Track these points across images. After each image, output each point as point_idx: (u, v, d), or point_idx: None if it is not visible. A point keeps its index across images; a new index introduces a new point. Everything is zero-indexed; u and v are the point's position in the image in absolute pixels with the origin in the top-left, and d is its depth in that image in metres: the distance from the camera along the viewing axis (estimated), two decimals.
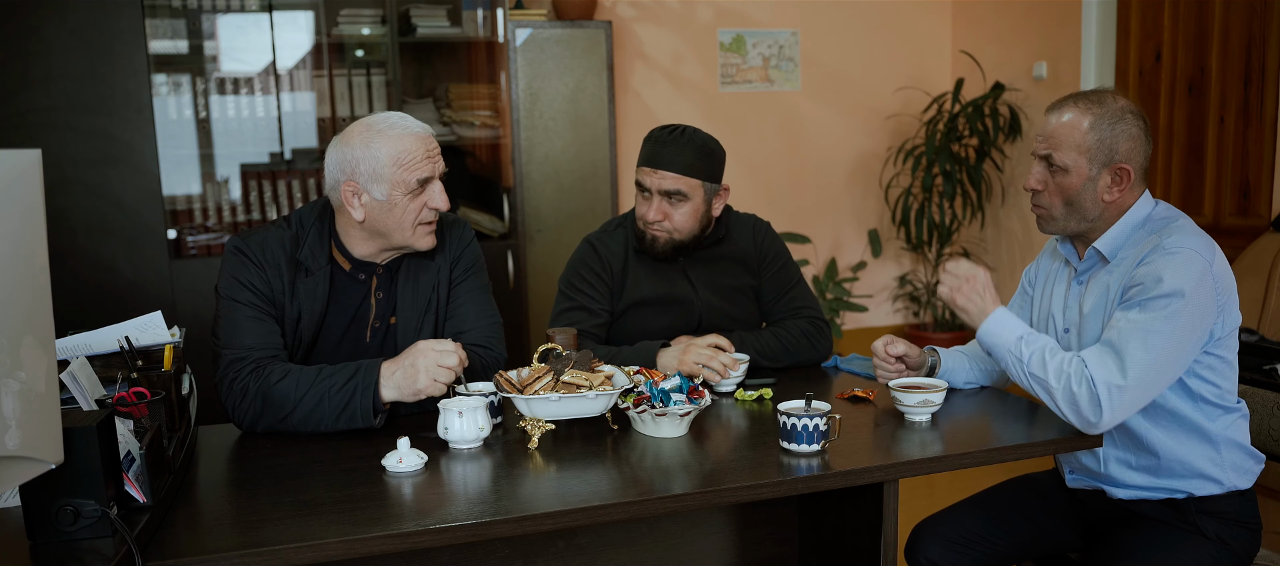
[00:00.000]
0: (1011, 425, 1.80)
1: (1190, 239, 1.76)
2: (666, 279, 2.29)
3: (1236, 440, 1.84)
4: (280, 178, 4.01)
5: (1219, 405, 1.82)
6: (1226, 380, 1.82)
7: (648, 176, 2.21)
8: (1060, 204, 1.85)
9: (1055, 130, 1.84)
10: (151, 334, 1.70)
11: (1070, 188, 1.83)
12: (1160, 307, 1.70)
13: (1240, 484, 1.84)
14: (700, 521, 1.98)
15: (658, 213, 2.21)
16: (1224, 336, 1.79)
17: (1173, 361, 1.71)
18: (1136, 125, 1.83)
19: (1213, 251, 1.77)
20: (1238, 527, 1.84)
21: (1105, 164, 1.81)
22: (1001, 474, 2.38)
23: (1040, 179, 1.87)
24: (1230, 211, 4.08)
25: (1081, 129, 1.81)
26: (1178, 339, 1.70)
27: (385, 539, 1.34)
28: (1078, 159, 1.82)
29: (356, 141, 1.85)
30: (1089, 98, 1.84)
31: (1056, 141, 1.83)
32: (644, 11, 4.87)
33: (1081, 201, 1.83)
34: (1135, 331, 1.70)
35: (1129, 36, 4.46)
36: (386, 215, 1.87)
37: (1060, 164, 1.83)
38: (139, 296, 3.59)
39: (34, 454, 1.08)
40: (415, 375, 1.75)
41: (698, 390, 1.81)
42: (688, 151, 2.19)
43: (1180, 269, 1.71)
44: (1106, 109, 1.82)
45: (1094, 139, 1.81)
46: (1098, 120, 1.81)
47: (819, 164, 5.33)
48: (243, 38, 3.91)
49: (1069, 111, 1.84)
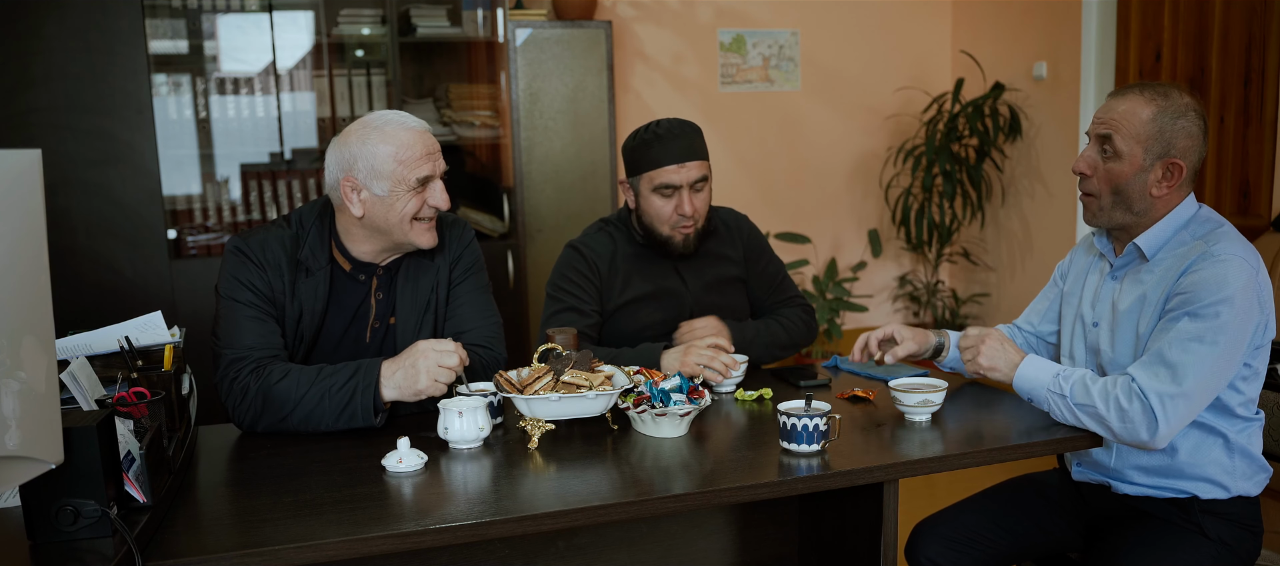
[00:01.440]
0: (1012, 425, 1.80)
1: (1238, 246, 1.75)
2: (657, 275, 2.30)
3: (1250, 448, 1.84)
4: (280, 178, 4.01)
5: (1241, 415, 1.82)
6: (1253, 388, 1.82)
7: (675, 173, 2.18)
8: (1109, 191, 1.83)
9: (1117, 113, 1.81)
10: (151, 334, 1.70)
11: (1121, 175, 1.81)
12: (1212, 316, 1.69)
13: (1248, 490, 1.84)
14: (700, 521, 1.98)
15: (691, 205, 2.20)
16: (1261, 345, 1.79)
17: (1225, 369, 1.71)
18: (1197, 124, 1.80)
19: (1258, 260, 1.77)
20: (1241, 530, 1.84)
21: (1160, 156, 1.79)
22: (1002, 473, 2.38)
23: (1090, 162, 1.85)
24: (1230, 211, 4.08)
25: (1143, 117, 1.79)
26: (1229, 346, 1.70)
27: (385, 539, 1.34)
28: (1133, 146, 1.80)
29: (355, 139, 1.86)
30: (1155, 88, 1.82)
31: (1116, 125, 1.81)
32: (644, 11, 4.87)
33: (1129, 192, 1.82)
34: (1187, 340, 1.70)
35: (1129, 36, 4.46)
36: (386, 212, 1.86)
37: (1116, 149, 1.80)
38: (139, 296, 3.59)
39: (34, 454, 1.08)
40: (416, 375, 1.75)
41: (698, 390, 1.81)
42: (696, 138, 2.23)
43: (1230, 276, 1.70)
44: (1171, 102, 1.79)
45: (1154, 129, 1.79)
46: (1160, 111, 1.79)
47: (819, 164, 5.33)
48: (243, 38, 3.91)
49: (1133, 97, 1.81)
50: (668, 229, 2.24)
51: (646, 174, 2.21)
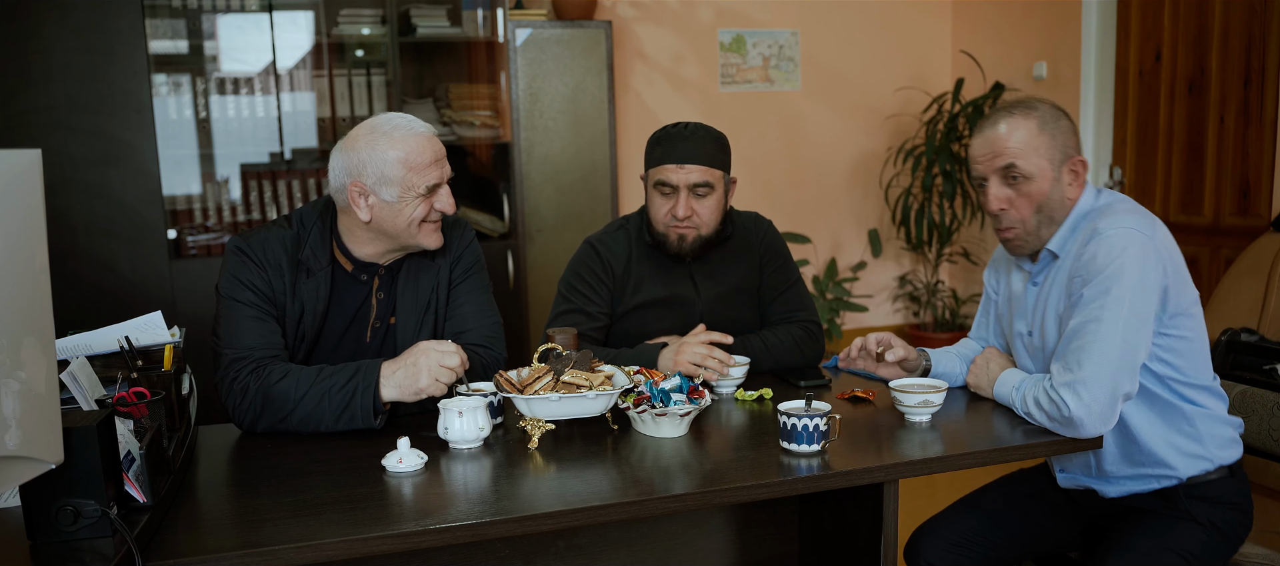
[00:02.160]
0: (1012, 425, 1.80)
1: (1124, 218, 1.75)
2: (671, 281, 2.28)
3: (1213, 416, 1.84)
4: (280, 178, 4.01)
5: (1189, 383, 1.81)
6: (1189, 359, 1.81)
7: (673, 173, 2.17)
8: (1032, 214, 1.82)
9: (1005, 141, 1.81)
10: (151, 334, 1.70)
11: (1040, 194, 1.81)
12: (1102, 293, 1.70)
13: (1227, 457, 1.84)
14: (700, 521, 1.98)
15: (687, 208, 2.18)
16: (1178, 314, 1.77)
17: (1130, 341, 1.69)
18: (1067, 120, 1.84)
19: (1152, 226, 1.75)
20: (1229, 510, 1.84)
21: (1062, 161, 1.81)
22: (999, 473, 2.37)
23: (1004, 197, 1.83)
24: (1230, 211, 4.08)
25: (1033, 134, 1.80)
26: (1128, 318, 1.69)
27: (385, 539, 1.34)
28: (1040, 162, 1.80)
29: (363, 144, 1.85)
30: (1019, 106, 1.83)
31: (1014, 151, 1.80)
32: (644, 11, 4.87)
33: (1050, 205, 1.82)
34: (1084, 323, 1.71)
35: (1129, 36, 4.46)
36: (394, 217, 1.87)
37: (1024, 172, 1.80)
38: (139, 296, 3.59)
39: (34, 454, 1.08)
40: (416, 375, 1.75)
41: (698, 390, 1.81)
42: (708, 143, 2.19)
43: (1113, 248, 1.71)
44: (1040, 111, 1.82)
45: (1047, 139, 1.80)
46: (1041, 123, 1.80)
47: (819, 164, 5.33)
48: (243, 38, 3.91)
49: (1012, 122, 1.81)
50: (662, 228, 2.23)
51: (652, 169, 2.22)
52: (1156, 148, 4.40)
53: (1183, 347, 1.80)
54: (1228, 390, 2.88)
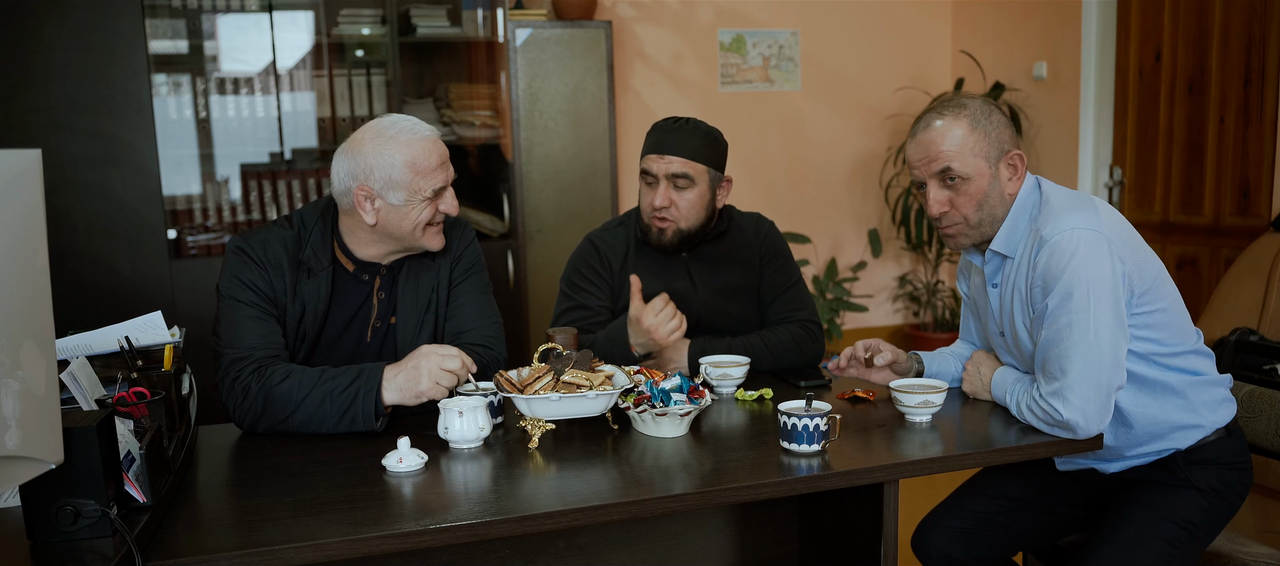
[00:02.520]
0: (1012, 425, 1.80)
1: (1066, 218, 1.74)
2: (668, 277, 2.29)
3: (1203, 381, 1.84)
4: (280, 178, 4.01)
5: (1175, 352, 1.81)
6: (1169, 330, 1.80)
7: (654, 163, 2.20)
8: (973, 212, 1.82)
9: (939, 144, 1.80)
10: (151, 334, 1.70)
11: (978, 194, 1.80)
12: (1066, 299, 1.70)
13: (1221, 420, 1.84)
14: (700, 521, 1.98)
15: (664, 199, 2.20)
16: (1147, 290, 1.77)
17: (1109, 337, 1.69)
18: (1000, 114, 1.83)
19: (1095, 216, 1.74)
20: (1229, 471, 1.84)
21: (999, 157, 1.81)
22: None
23: (944, 200, 1.83)
24: (1230, 211, 4.08)
25: (965, 134, 1.79)
26: (1099, 316, 1.69)
27: (386, 539, 1.34)
28: (976, 162, 1.79)
29: (369, 147, 1.85)
30: (950, 104, 1.82)
31: (948, 155, 1.79)
32: (644, 11, 4.87)
33: (990, 203, 1.81)
34: (1058, 331, 1.71)
35: (1129, 36, 4.46)
36: (400, 220, 1.87)
37: (961, 173, 1.79)
38: (139, 296, 3.59)
39: (34, 454, 1.08)
40: (418, 377, 1.75)
41: (698, 390, 1.81)
42: (694, 137, 2.20)
43: (1063, 253, 1.70)
44: (972, 109, 1.80)
45: (980, 137, 1.79)
46: (974, 120, 1.79)
47: (819, 164, 5.33)
48: (243, 38, 3.91)
49: (943, 124, 1.80)
50: (645, 218, 2.25)
51: (642, 158, 2.25)
52: (1156, 148, 4.40)
53: (1160, 320, 1.80)
54: (1235, 391, 2.89)
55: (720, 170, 2.25)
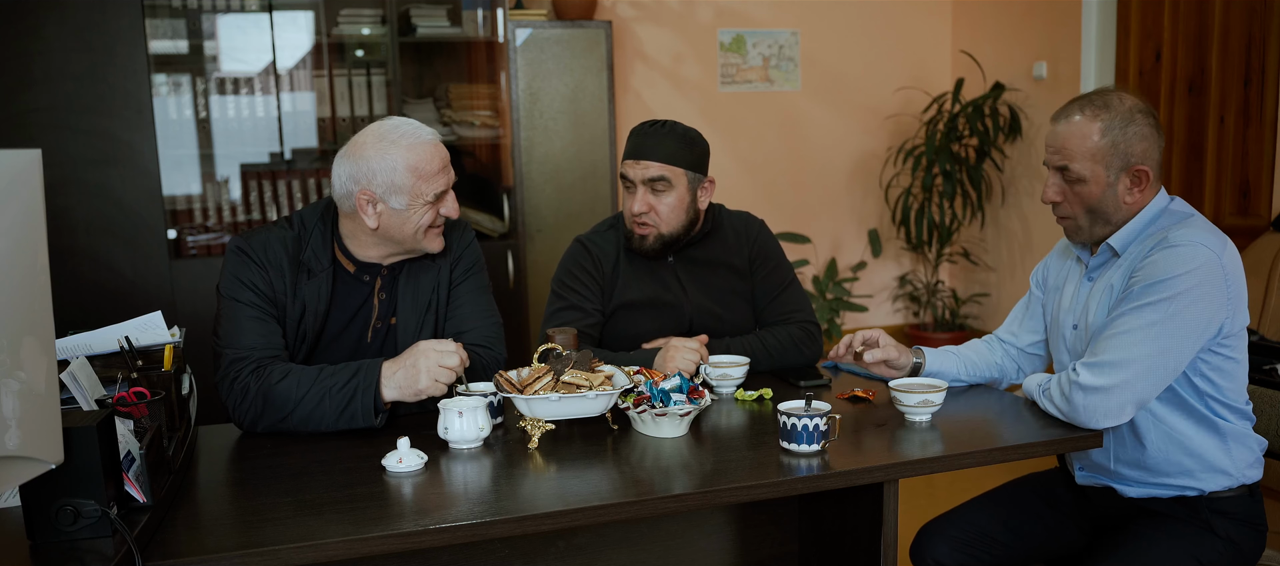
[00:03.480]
0: (1012, 425, 1.80)
1: (1197, 233, 1.74)
2: (657, 281, 2.28)
3: (1244, 438, 1.83)
4: (280, 178, 4.01)
5: (1228, 403, 1.81)
6: (1233, 381, 1.81)
7: (631, 168, 2.21)
8: (1083, 212, 1.83)
9: (1066, 140, 1.80)
10: (151, 334, 1.70)
11: (1091, 196, 1.81)
12: (1148, 299, 1.70)
13: (1250, 477, 1.83)
14: (700, 521, 1.98)
15: (643, 204, 2.20)
16: (1233, 335, 1.77)
17: (1168, 352, 1.69)
18: (1147, 124, 1.79)
19: (1223, 245, 1.75)
20: (1247, 527, 1.83)
21: (1123, 168, 1.79)
22: (1005, 473, 2.37)
23: (1058, 190, 1.84)
24: (1230, 211, 4.08)
25: (1093, 136, 1.78)
26: (1174, 330, 1.69)
27: (385, 539, 1.34)
28: (1094, 167, 1.79)
29: (371, 151, 1.85)
30: (1096, 101, 1.80)
31: (1069, 152, 1.80)
32: (644, 11, 4.87)
33: (1104, 207, 1.81)
34: (1119, 316, 1.72)
35: (1129, 36, 4.46)
36: (402, 224, 1.87)
37: (1077, 174, 1.80)
38: (139, 296, 3.59)
39: (34, 454, 1.08)
40: (416, 375, 1.75)
41: (698, 390, 1.81)
42: (669, 141, 2.20)
43: (1179, 261, 1.70)
44: (1114, 112, 1.78)
45: (1107, 144, 1.78)
46: (1108, 125, 1.78)
47: (819, 164, 5.34)
48: (243, 38, 3.91)
49: (1077, 118, 1.80)
50: (627, 224, 2.26)
51: (621, 165, 2.26)
52: None
53: (1228, 369, 1.79)
54: None
55: (701, 172, 2.24)
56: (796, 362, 2.23)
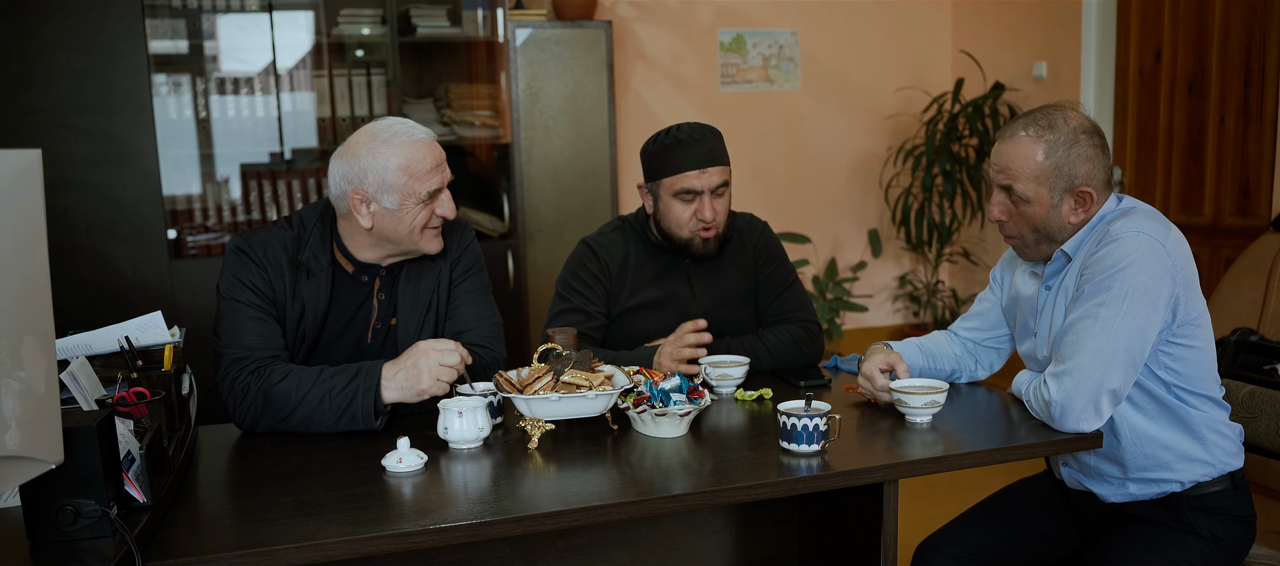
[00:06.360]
0: (1012, 425, 1.80)
1: (1138, 222, 1.74)
2: (667, 282, 2.28)
3: (1218, 425, 1.82)
4: (280, 178, 4.01)
5: (1194, 391, 1.80)
6: (1195, 368, 1.79)
7: (698, 178, 2.16)
8: (1029, 231, 1.83)
9: (1010, 160, 1.80)
10: (151, 334, 1.70)
11: (1034, 217, 1.81)
12: (1102, 291, 1.70)
13: (1230, 465, 1.83)
14: (700, 521, 1.98)
15: (712, 210, 2.18)
16: (1187, 323, 1.76)
17: (1122, 343, 1.69)
18: (1092, 144, 1.78)
19: (1166, 232, 1.74)
20: (1232, 522, 1.83)
21: (1066, 189, 1.78)
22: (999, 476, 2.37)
23: (1004, 209, 1.84)
24: (1230, 211, 4.08)
25: (1037, 159, 1.77)
26: (1124, 318, 1.68)
27: (385, 539, 1.34)
28: (1037, 189, 1.79)
29: (363, 151, 1.85)
30: (1041, 120, 1.79)
31: (1013, 172, 1.80)
32: (644, 11, 4.87)
33: (1048, 227, 1.82)
34: (1077, 318, 1.72)
35: (1129, 36, 4.46)
36: (396, 224, 1.87)
37: (1021, 195, 1.80)
38: (139, 296, 3.59)
39: (34, 454, 1.08)
40: (417, 375, 1.75)
41: (698, 390, 1.81)
42: (717, 142, 2.20)
43: (1121, 252, 1.70)
44: (1059, 132, 1.77)
45: (1050, 167, 1.77)
46: (1052, 146, 1.77)
47: (819, 164, 5.33)
48: (243, 38, 3.91)
49: (1021, 140, 1.79)
50: (688, 233, 2.21)
51: (667, 179, 2.18)
52: (1156, 148, 4.40)
53: (1190, 357, 1.78)
54: (1236, 390, 2.88)
55: None
56: (797, 362, 2.23)
